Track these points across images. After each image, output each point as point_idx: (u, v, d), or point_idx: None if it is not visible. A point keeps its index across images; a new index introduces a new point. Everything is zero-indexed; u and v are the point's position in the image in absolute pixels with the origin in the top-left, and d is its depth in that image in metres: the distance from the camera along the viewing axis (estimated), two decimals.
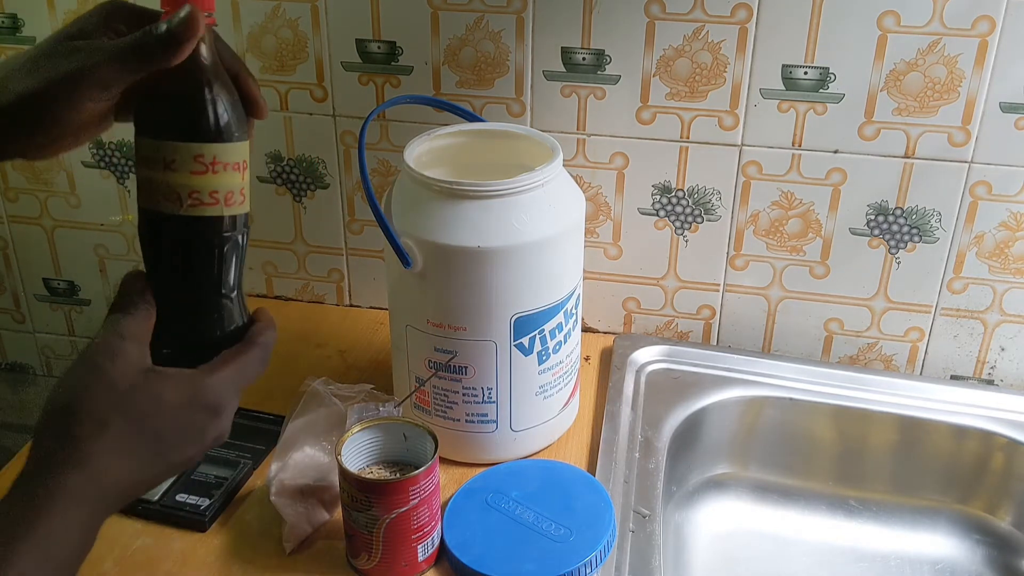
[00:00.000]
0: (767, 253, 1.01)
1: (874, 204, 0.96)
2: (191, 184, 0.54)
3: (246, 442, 0.89)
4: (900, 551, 0.96)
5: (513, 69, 0.97)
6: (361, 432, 0.77)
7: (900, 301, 1.00)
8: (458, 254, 0.78)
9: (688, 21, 0.91)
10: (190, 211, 0.55)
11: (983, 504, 0.97)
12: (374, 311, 1.12)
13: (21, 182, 1.14)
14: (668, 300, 1.05)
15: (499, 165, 0.87)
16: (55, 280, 1.20)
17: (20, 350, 1.26)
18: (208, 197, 0.55)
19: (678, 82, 0.94)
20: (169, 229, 0.55)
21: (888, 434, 0.97)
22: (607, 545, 0.77)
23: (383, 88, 1.00)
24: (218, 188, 0.55)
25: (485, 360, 0.82)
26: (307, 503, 0.79)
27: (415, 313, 0.83)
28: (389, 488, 0.72)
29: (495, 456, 0.87)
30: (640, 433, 0.92)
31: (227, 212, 0.56)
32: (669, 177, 0.99)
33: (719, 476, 1.01)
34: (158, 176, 0.54)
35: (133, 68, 0.53)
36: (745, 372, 1.00)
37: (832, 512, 0.99)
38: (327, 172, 1.06)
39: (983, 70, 0.88)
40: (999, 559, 0.95)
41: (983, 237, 0.95)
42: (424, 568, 0.76)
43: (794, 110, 0.93)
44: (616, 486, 0.85)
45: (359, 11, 0.97)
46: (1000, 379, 1.03)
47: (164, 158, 0.54)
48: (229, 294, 0.58)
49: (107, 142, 1.08)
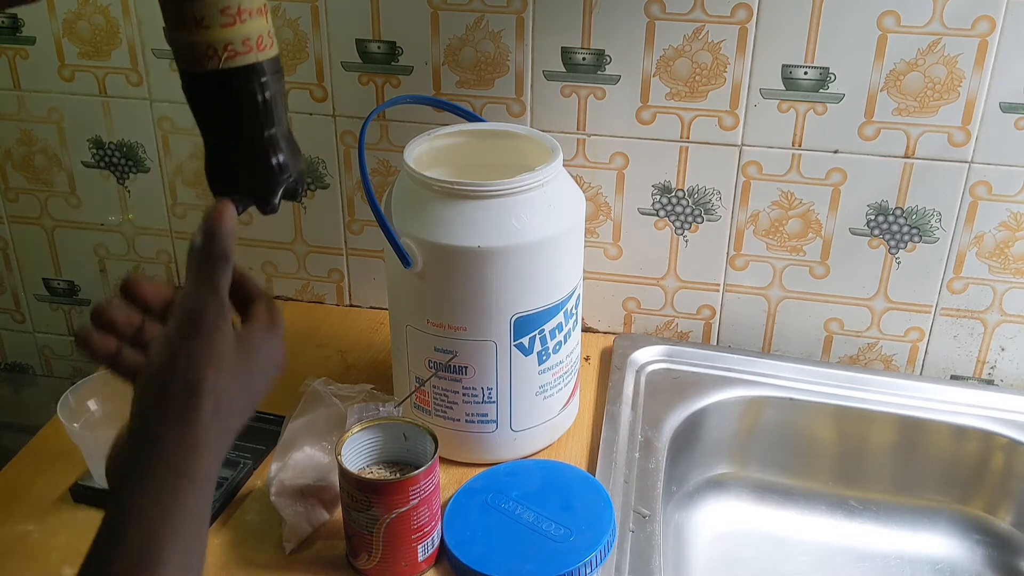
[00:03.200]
0: (767, 253, 1.01)
1: (874, 204, 0.96)
2: (224, 37, 0.58)
3: (246, 442, 0.89)
4: (900, 551, 0.96)
5: (513, 69, 0.97)
6: (361, 432, 0.77)
7: (900, 301, 1.00)
8: (458, 254, 0.78)
9: (688, 21, 0.91)
10: (228, 63, 0.58)
11: (983, 504, 0.97)
12: (374, 311, 1.12)
13: (21, 182, 1.14)
14: (668, 300, 1.05)
15: (499, 165, 0.87)
16: (55, 280, 1.20)
17: (20, 350, 1.26)
18: (242, 46, 0.58)
19: (678, 82, 0.94)
20: (213, 83, 0.59)
21: (888, 434, 0.97)
22: (607, 545, 0.77)
23: (383, 88, 1.00)
24: (248, 36, 0.58)
25: (485, 360, 0.82)
26: (307, 503, 0.79)
27: (415, 313, 0.83)
28: (389, 488, 0.72)
29: (495, 456, 0.87)
30: (640, 433, 0.92)
31: (261, 57, 0.59)
32: (669, 177, 0.99)
33: (719, 476, 1.01)
34: (192, 36, 0.57)
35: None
36: (745, 372, 1.00)
37: (832, 512, 0.99)
38: (327, 172, 1.06)
39: (983, 70, 0.88)
40: (999, 559, 0.95)
41: (983, 237, 0.96)
42: (424, 568, 0.77)
43: (794, 110, 0.93)
44: (616, 486, 0.85)
45: (359, 11, 0.97)
46: (1000, 379, 1.03)
47: (194, 16, 0.57)
48: (284, 130, 0.62)
49: (107, 142, 1.08)
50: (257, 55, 0.59)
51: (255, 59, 0.59)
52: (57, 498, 0.83)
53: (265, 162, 0.61)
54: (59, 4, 1.02)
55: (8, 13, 1.04)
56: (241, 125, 0.60)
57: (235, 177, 0.61)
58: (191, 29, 0.57)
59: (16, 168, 1.13)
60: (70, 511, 0.82)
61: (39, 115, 1.09)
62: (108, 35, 1.03)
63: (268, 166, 0.61)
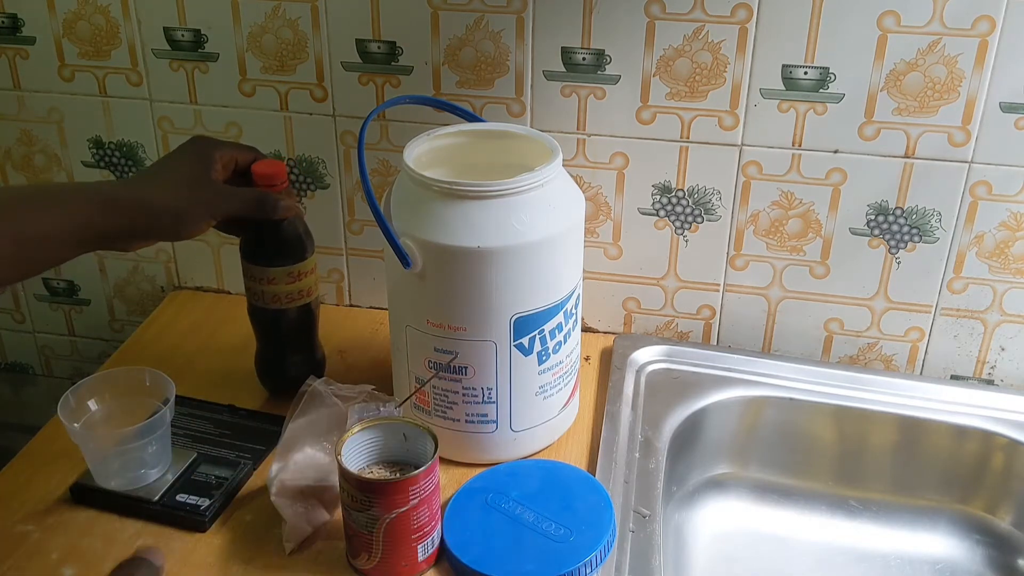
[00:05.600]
0: (767, 253, 1.01)
1: (874, 204, 0.96)
2: (287, 290, 0.90)
3: (246, 442, 0.89)
4: (900, 551, 0.96)
5: (513, 69, 0.97)
6: (361, 432, 0.77)
7: (900, 301, 1.00)
8: (458, 254, 0.78)
9: (688, 21, 0.91)
10: (287, 305, 0.91)
11: (983, 504, 0.97)
12: (374, 311, 1.12)
13: (21, 182, 1.13)
14: (668, 300, 1.05)
15: (499, 165, 0.87)
16: (55, 280, 1.20)
17: (20, 350, 1.26)
18: (297, 295, 0.91)
19: (678, 82, 0.94)
20: (275, 316, 0.92)
21: (888, 434, 0.97)
22: (607, 545, 0.77)
23: (383, 88, 1.00)
24: (303, 288, 0.91)
25: (485, 360, 0.82)
26: (307, 503, 0.79)
27: (415, 313, 0.83)
28: (389, 488, 0.72)
29: (495, 456, 0.87)
30: (640, 433, 0.92)
31: (308, 299, 0.92)
32: (669, 177, 0.99)
33: (719, 476, 1.01)
34: (263, 287, 0.90)
35: (251, 214, 0.83)
36: (745, 372, 1.00)
37: (832, 512, 0.99)
38: (327, 172, 1.06)
39: (983, 70, 0.88)
40: (999, 559, 0.95)
41: (983, 237, 0.96)
42: (424, 568, 0.77)
43: (794, 110, 0.93)
44: (616, 486, 0.85)
45: (359, 11, 0.97)
46: (1000, 379, 1.03)
47: (267, 277, 0.89)
48: (314, 340, 0.97)
49: (107, 142, 1.08)
50: (307, 299, 0.92)
51: (305, 301, 0.92)
52: (57, 498, 0.83)
53: (297, 361, 0.95)
54: (59, 4, 1.02)
55: (8, 13, 1.04)
56: (289, 336, 0.94)
57: (278, 360, 0.96)
58: (264, 283, 0.89)
59: (16, 168, 1.13)
60: (70, 511, 0.82)
61: (39, 115, 1.09)
62: (108, 35, 1.03)
63: (295, 364, 0.95)
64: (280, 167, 0.87)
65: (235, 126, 1.05)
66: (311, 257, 0.91)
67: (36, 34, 1.05)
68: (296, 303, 0.91)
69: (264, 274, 0.89)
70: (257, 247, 0.89)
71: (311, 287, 0.91)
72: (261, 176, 0.86)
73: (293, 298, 0.90)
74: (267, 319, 0.92)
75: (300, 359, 0.95)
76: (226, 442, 0.89)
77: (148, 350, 1.05)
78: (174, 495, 0.82)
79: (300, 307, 0.91)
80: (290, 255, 0.89)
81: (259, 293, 0.90)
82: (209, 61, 1.02)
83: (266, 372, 0.97)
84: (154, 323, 1.10)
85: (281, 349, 0.95)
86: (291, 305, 0.91)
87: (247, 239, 0.90)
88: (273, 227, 0.88)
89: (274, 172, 0.86)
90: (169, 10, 1.00)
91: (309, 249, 0.90)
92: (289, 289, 0.89)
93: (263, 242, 0.89)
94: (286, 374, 0.95)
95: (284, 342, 0.94)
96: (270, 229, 0.88)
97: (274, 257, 0.88)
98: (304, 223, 0.91)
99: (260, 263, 0.89)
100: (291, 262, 0.89)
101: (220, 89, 1.03)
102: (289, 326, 0.93)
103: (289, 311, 0.91)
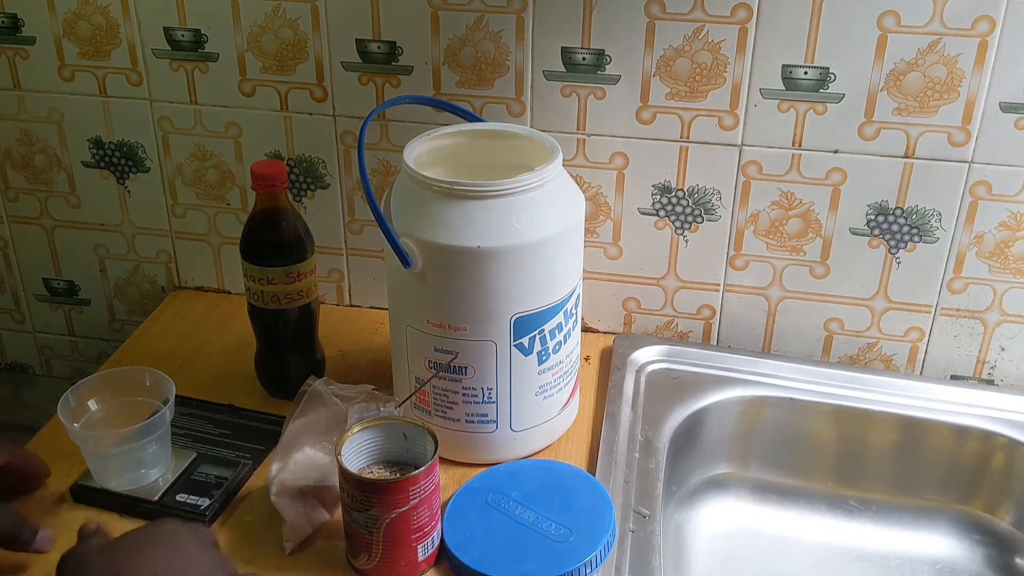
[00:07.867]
0: (767, 253, 1.01)
1: (874, 204, 0.96)
2: (286, 290, 0.90)
3: (246, 442, 0.89)
4: (900, 551, 0.96)
5: (513, 69, 0.97)
6: (361, 432, 0.77)
7: (900, 301, 1.00)
8: (458, 254, 0.78)
9: (688, 21, 0.91)
10: (287, 305, 0.91)
11: (983, 504, 0.97)
12: (374, 311, 1.12)
13: (21, 182, 1.14)
14: (668, 300, 1.05)
15: (499, 165, 0.87)
16: (55, 280, 1.20)
17: (20, 350, 1.26)
18: (297, 295, 0.91)
19: (678, 82, 0.94)
20: (275, 317, 0.92)
21: (888, 434, 0.97)
22: (607, 545, 0.77)
23: (383, 88, 1.00)
24: (303, 288, 0.91)
25: (485, 360, 0.82)
26: (307, 503, 0.79)
27: (415, 313, 0.83)
28: (389, 488, 0.72)
29: (495, 456, 0.87)
30: (640, 433, 0.92)
31: (308, 300, 0.93)
32: (669, 177, 0.99)
33: (719, 476, 1.01)
34: (263, 287, 0.90)
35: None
36: (745, 372, 1.00)
37: (832, 512, 0.99)
38: (327, 172, 1.06)
39: (983, 70, 0.88)
40: (999, 559, 0.95)
41: (983, 237, 0.95)
42: (424, 568, 0.77)
43: (794, 110, 0.93)
44: (616, 486, 0.85)
45: (359, 11, 0.97)
46: (1000, 379, 1.03)
47: (267, 278, 0.89)
48: (314, 340, 0.97)
49: (107, 142, 1.08)
50: (306, 299, 0.92)
51: (305, 302, 0.92)
52: (57, 498, 0.83)
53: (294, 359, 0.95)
54: (59, 4, 1.02)
55: (8, 13, 1.04)
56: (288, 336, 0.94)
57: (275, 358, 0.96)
58: (264, 283, 0.89)
59: (16, 168, 1.13)
60: (70, 511, 0.82)
61: (39, 115, 1.09)
62: (108, 35, 1.03)
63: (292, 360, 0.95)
64: (280, 167, 0.87)
65: (235, 126, 1.05)
66: (311, 257, 0.91)
67: (36, 34, 1.05)
68: (296, 303, 0.91)
69: (264, 274, 0.89)
70: (257, 247, 0.89)
71: (311, 287, 0.92)
72: (261, 176, 0.86)
73: (293, 298, 0.91)
74: (267, 319, 0.93)
75: (300, 359, 0.96)
76: (226, 442, 0.89)
77: (148, 350, 1.05)
78: (174, 495, 0.82)
79: (300, 307, 0.92)
80: (290, 255, 0.89)
81: (259, 293, 0.90)
82: (209, 61, 1.02)
83: (266, 372, 0.97)
84: (154, 323, 1.10)
85: (281, 349, 0.95)
86: (291, 305, 0.91)
87: (247, 239, 0.90)
88: (273, 227, 0.88)
89: (274, 172, 0.86)
90: (169, 10, 1.00)
91: (309, 249, 0.91)
92: (289, 289, 0.90)
93: (263, 242, 0.89)
94: (286, 374, 0.95)
95: (284, 342, 0.95)
96: (270, 229, 0.88)
97: (274, 257, 0.89)
98: (304, 223, 0.91)
99: (260, 263, 0.89)
100: (291, 262, 0.89)
101: (220, 89, 1.03)
102: (289, 326, 0.93)
103: (289, 311, 0.91)
